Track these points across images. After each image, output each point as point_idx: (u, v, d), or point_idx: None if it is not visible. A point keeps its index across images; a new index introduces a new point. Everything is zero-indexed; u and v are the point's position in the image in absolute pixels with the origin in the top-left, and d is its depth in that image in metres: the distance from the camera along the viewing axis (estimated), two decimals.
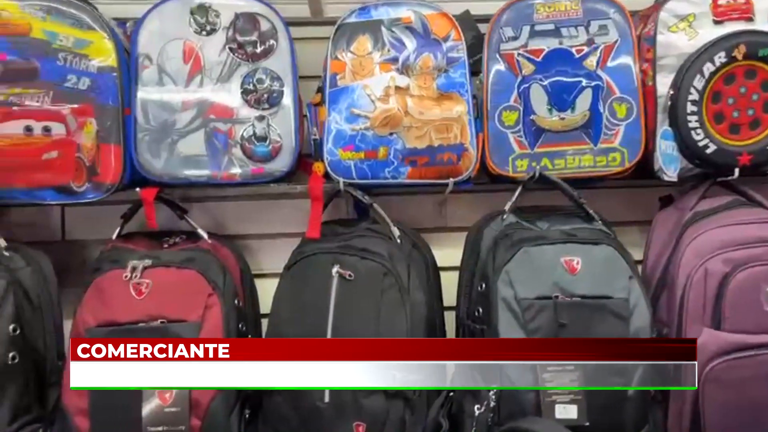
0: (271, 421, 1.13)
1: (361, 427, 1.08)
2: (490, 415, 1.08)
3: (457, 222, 1.38)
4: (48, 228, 1.37)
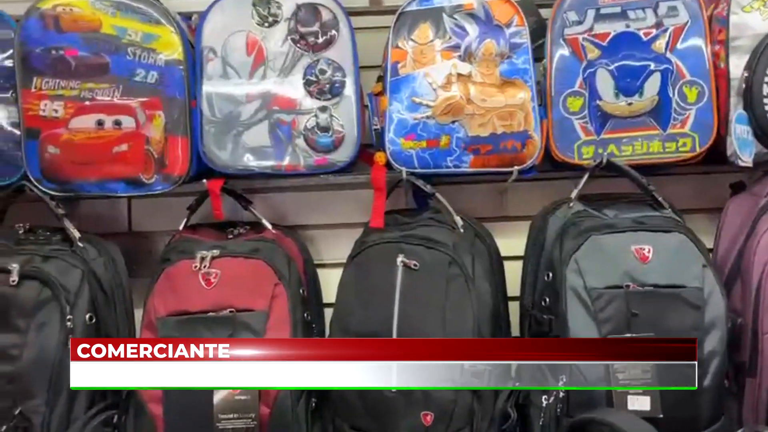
0: (338, 411, 1.14)
1: (429, 417, 1.08)
2: (559, 406, 1.07)
3: (518, 211, 1.36)
4: (115, 220, 1.40)
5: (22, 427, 1.01)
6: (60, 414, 1.04)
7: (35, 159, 1.17)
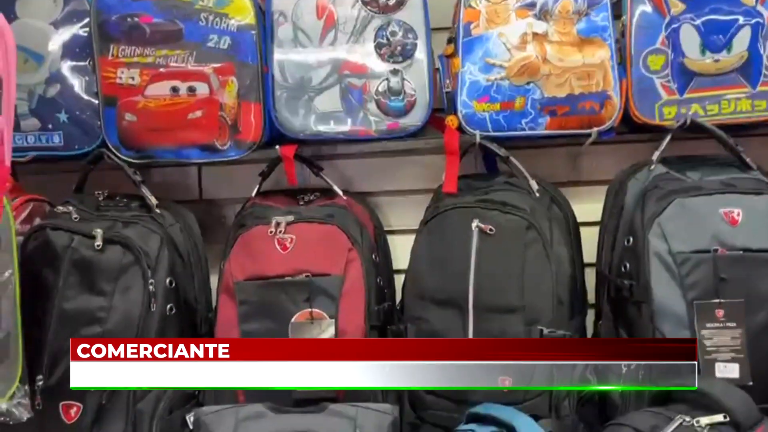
0: None
1: (507, 381, 1.07)
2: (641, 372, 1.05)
3: (592, 176, 1.33)
4: (186, 188, 1.42)
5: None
6: None
7: (113, 127, 1.19)
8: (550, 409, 1.05)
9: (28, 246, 1.09)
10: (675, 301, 1.02)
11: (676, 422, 0.88)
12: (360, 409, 0.95)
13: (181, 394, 1.12)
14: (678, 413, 0.90)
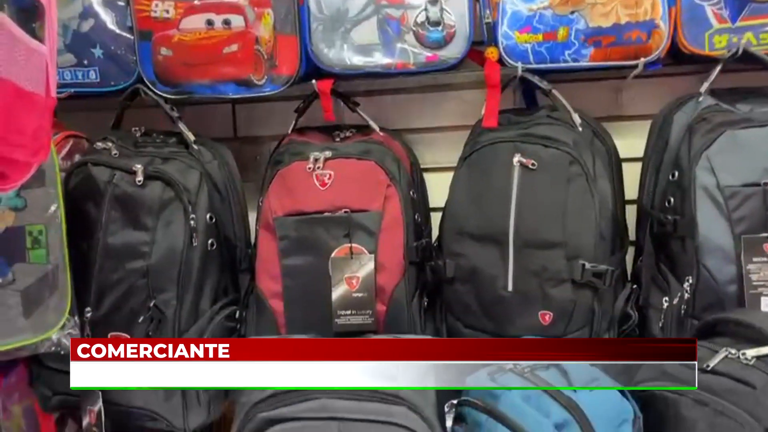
0: (452, 309, 1.15)
1: (548, 316, 1.07)
2: (683, 308, 1.04)
3: (636, 110, 1.29)
4: (220, 126, 1.41)
5: (157, 318, 1.06)
6: (189, 307, 1.09)
7: (148, 62, 1.17)
8: None
9: (71, 182, 1.09)
10: (721, 236, 1.01)
11: (720, 355, 0.88)
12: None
13: (224, 327, 1.14)
14: (723, 346, 0.90)
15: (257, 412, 0.89)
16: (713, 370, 0.87)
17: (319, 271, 1.10)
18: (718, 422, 0.82)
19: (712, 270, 1.01)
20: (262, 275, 1.14)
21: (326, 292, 1.10)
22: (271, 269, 1.13)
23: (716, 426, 0.83)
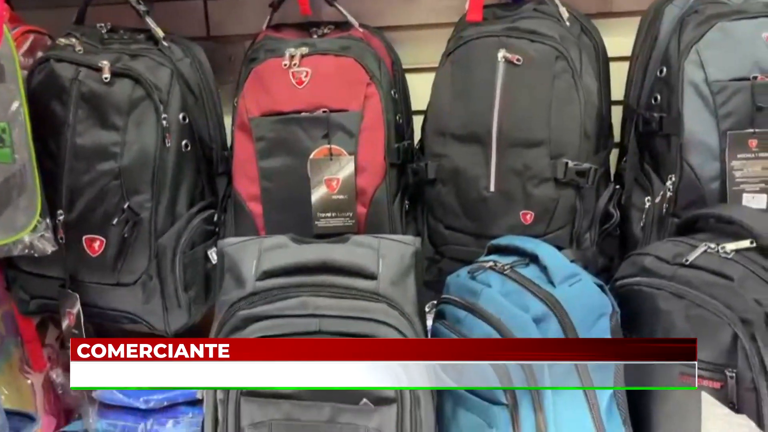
0: (433, 211, 1.14)
1: (529, 216, 1.06)
2: (665, 206, 1.04)
3: (624, 6, 1.24)
4: (192, 24, 1.34)
5: (132, 220, 1.04)
6: (165, 210, 1.07)
7: None
8: (571, 242, 1.06)
9: (33, 79, 1.04)
10: (707, 132, 0.99)
11: (700, 249, 0.88)
12: (383, 240, 0.95)
13: (202, 230, 1.13)
14: (702, 241, 0.90)
15: (237, 310, 0.88)
16: (692, 264, 0.87)
17: (297, 172, 1.08)
18: (694, 314, 0.83)
19: (695, 167, 1.00)
20: (239, 178, 1.11)
21: (305, 194, 1.08)
22: (248, 171, 1.10)
23: (692, 318, 0.84)
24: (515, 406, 0.83)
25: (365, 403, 0.87)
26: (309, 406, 0.86)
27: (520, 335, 0.85)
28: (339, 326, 0.86)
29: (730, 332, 0.80)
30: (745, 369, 0.79)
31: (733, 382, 0.80)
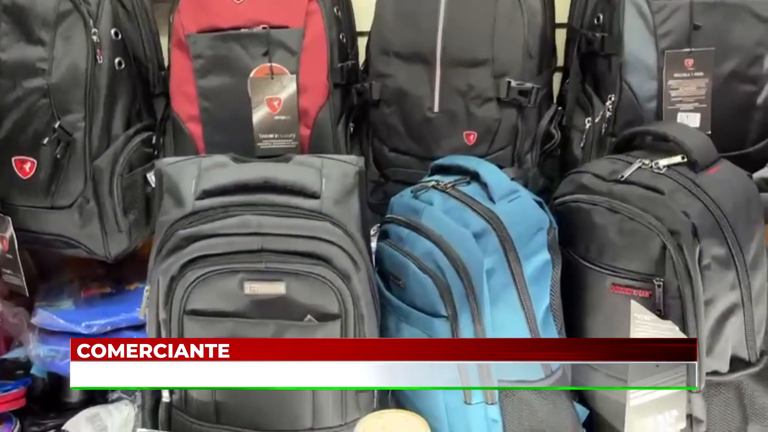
0: (378, 133, 1.13)
1: (472, 137, 1.07)
2: (604, 126, 1.06)
3: None
4: None
5: (64, 141, 1.00)
6: (99, 130, 1.02)
7: None
8: (513, 162, 1.07)
9: None
10: (646, 52, 1.00)
11: (635, 166, 0.90)
12: (326, 160, 0.94)
13: (141, 153, 1.09)
14: (637, 158, 0.92)
15: (177, 229, 0.87)
16: (627, 180, 0.89)
17: (238, 92, 1.05)
18: (627, 227, 0.86)
19: (634, 87, 1.01)
20: (177, 98, 1.08)
21: (247, 114, 1.06)
22: (186, 91, 1.07)
23: (625, 231, 0.86)
24: (455, 318, 0.86)
25: (309, 319, 0.88)
26: (254, 324, 0.88)
27: (460, 250, 0.87)
28: (282, 244, 0.86)
29: (659, 243, 0.83)
30: (672, 278, 0.82)
31: (661, 290, 0.84)
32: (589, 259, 0.90)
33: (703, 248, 0.82)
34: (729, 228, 0.83)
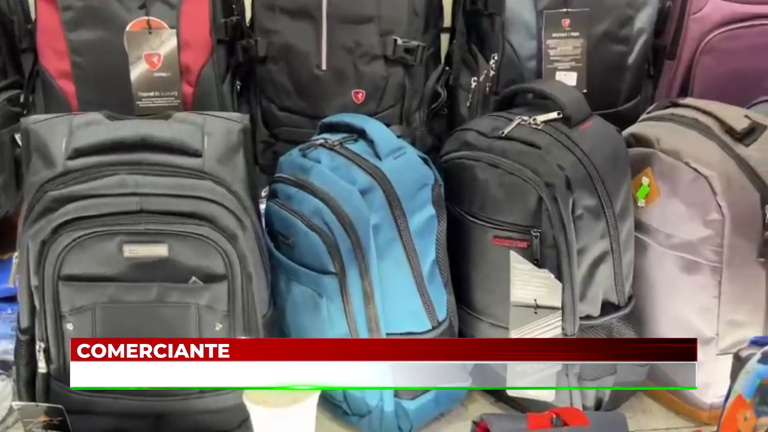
0: (265, 91, 1.11)
1: (360, 95, 1.07)
2: (488, 85, 1.08)
3: None
4: None
5: None
6: None
7: None
8: (401, 120, 1.08)
9: None
10: (526, 12, 1.04)
11: (515, 122, 0.93)
12: (208, 117, 0.90)
13: (7, 112, 1.02)
14: (517, 115, 0.95)
15: (47, 190, 0.81)
16: (507, 136, 0.92)
17: (112, 47, 1.00)
18: (507, 180, 0.89)
19: (515, 46, 1.05)
20: (45, 53, 1.01)
21: (124, 71, 1.01)
22: (55, 45, 1.00)
23: (505, 185, 0.90)
24: (343, 274, 0.87)
25: (194, 281, 0.86)
26: (135, 288, 0.84)
27: (347, 207, 0.87)
28: (162, 204, 0.83)
29: (536, 196, 0.87)
30: (548, 228, 0.87)
31: (538, 241, 0.88)
32: (472, 213, 0.93)
33: (576, 199, 0.87)
34: (599, 180, 0.88)
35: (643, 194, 0.94)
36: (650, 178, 0.93)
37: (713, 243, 0.87)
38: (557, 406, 0.90)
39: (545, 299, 0.89)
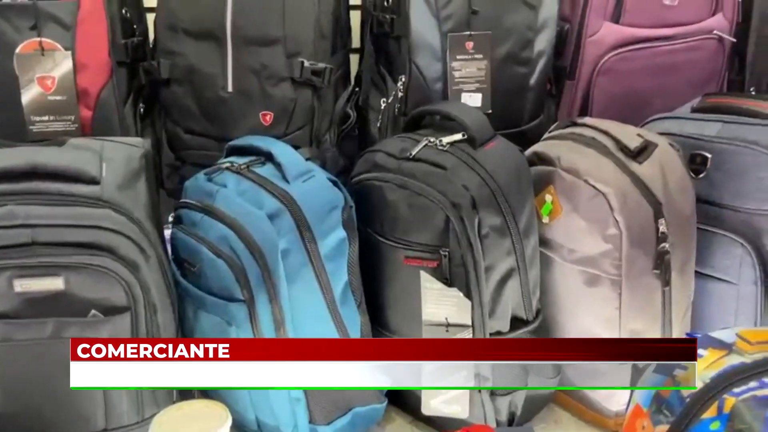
0: (171, 114, 1.08)
1: (269, 117, 1.06)
2: (397, 106, 1.09)
3: None
4: None
5: None
6: None
7: None
8: (311, 142, 1.08)
9: None
10: (431, 34, 1.05)
11: (422, 143, 0.94)
12: (106, 143, 0.87)
13: None
14: (425, 136, 0.97)
15: None
16: (415, 157, 0.93)
17: (2, 69, 0.94)
18: (415, 201, 0.90)
19: (422, 68, 1.06)
20: None
21: (15, 95, 0.96)
22: None
23: (413, 206, 0.90)
24: (252, 301, 0.85)
25: (94, 314, 0.82)
26: (28, 324, 0.80)
27: (254, 232, 0.85)
28: (57, 236, 0.79)
29: (443, 216, 0.88)
30: (456, 248, 0.88)
31: (446, 260, 0.88)
32: (383, 234, 0.93)
33: (481, 219, 0.88)
34: (504, 199, 0.89)
35: (546, 211, 0.97)
36: (553, 195, 0.96)
37: (612, 257, 0.91)
38: (471, 423, 0.92)
39: (456, 317, 0.90)
